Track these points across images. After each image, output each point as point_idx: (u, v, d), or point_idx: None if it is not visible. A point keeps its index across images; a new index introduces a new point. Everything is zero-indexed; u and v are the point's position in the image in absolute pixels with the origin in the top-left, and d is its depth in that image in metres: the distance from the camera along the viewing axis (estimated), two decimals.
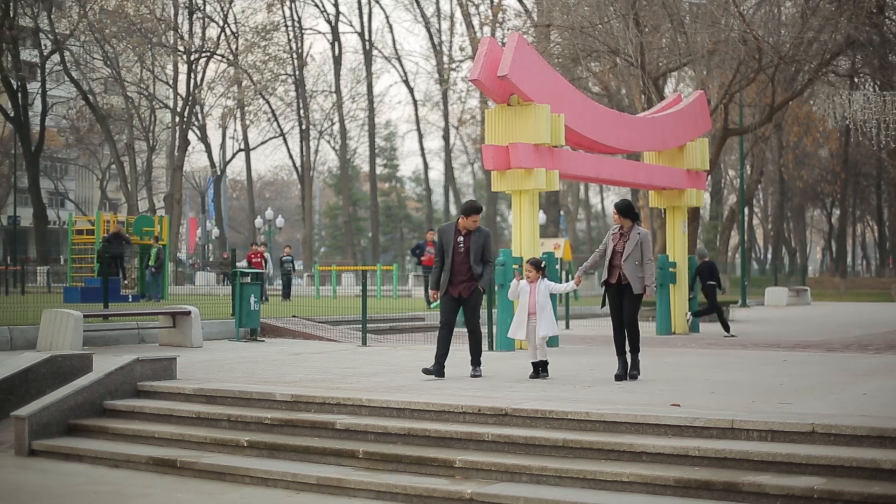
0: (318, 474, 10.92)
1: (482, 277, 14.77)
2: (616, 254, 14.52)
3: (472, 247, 14.73)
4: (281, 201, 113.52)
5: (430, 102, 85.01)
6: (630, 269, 14.34)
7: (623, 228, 14.62)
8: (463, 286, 14.75)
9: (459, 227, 14.89)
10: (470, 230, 14.80)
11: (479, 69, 19.45)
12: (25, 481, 11.68)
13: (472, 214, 14.79)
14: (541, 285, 14.72)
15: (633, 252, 14.38)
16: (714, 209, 72.32)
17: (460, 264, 14.75)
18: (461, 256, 14.75)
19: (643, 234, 14.53)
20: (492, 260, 15.05)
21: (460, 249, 14.75)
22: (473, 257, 14.69)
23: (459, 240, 14.77)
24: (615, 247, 14.55)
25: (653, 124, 24.42)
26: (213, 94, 72.78)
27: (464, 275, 14.74)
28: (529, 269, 14.89)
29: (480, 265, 14.77)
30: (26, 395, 14.62)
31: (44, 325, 19.63)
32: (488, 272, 14.93)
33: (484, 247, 14.82)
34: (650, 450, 10.22)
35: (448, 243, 14.83)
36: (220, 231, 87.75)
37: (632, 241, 14.44)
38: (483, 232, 14.93)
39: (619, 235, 14.60)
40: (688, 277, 25.54)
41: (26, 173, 70.86)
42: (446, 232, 14.98)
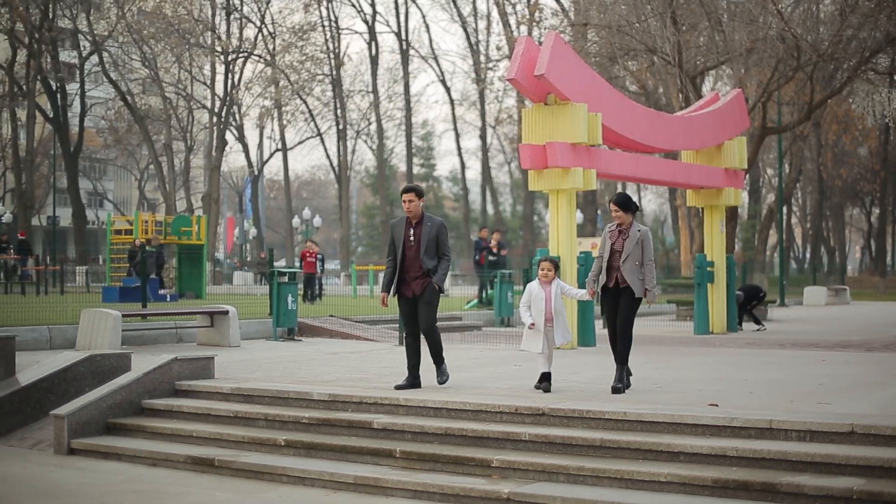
0: (356, 473, 10.93)
1: (436, 273, 13.35)
2: (615, 253, 13.14)
3: (422, 239, 13.31)
4: (318, 201, 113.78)
5: (466, 102, 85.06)
6: (629, 270, 12.98)
7: (622, 225, 13.20)
8: (416, 284, 13.36)
9: (410, 218, 13.53)
10: (420, 220, 13.43)
11: (515, 68, 19.43)
12: (65, 480, 11.74)
13: (403, 194, 13.54)
14: (555, 289, 13.04)
15: (634, 251, 13.00)
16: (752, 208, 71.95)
17: (412, 259, 13.35)
18: (412, 251, 13.37)
19: (644, 232, 13.15)
20: (448, 254, 13.55)
21: (411, 243, 13.38)
22: (424, 250, 13.27)
23: (410, 232, 13.41)
24: (613, 245, 13.17)
25: (690, 123, 24.33)
26: (250, 94, 73.10)
27: (416, 271, 13.34)
28: (549, 268, 13.05)
29: (434, 260, 13.37)
30: (65, 394, 14.70)
31: (83, 325, 19.74)
32: (443, 268, 13.44)
33: (438, 239, 13.40)
34: (688, 450, 10.18)
35: (399, 237, 13.47)
36: (258, 231, 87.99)
37: (632, 240, 13.04)
38: (435, 222, 13.52)
39: (617, 233, 13.22)
40: (725, 276, 25.40)
41: (65, 174, 71.43)
42: (397, 226, 13.62)
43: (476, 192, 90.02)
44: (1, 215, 66.18)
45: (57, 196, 78.11)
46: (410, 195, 13.43)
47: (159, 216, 43.34)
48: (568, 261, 20.06)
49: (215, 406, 13.57)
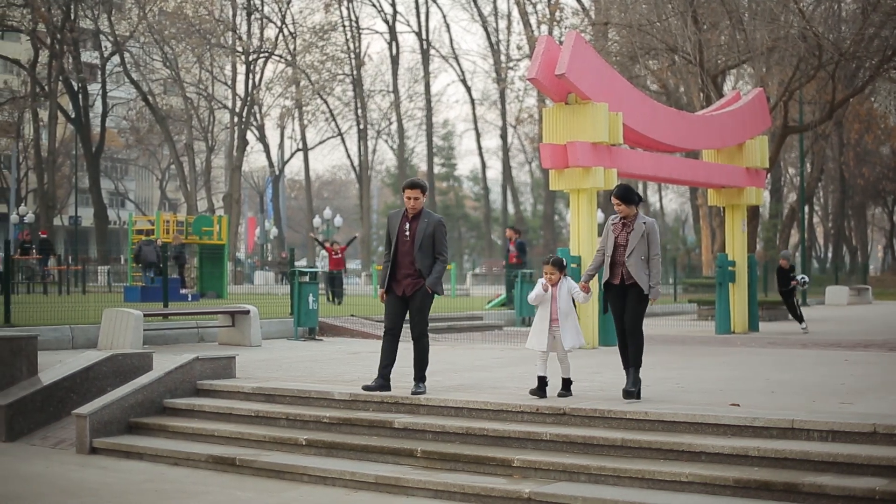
0: (377, 473, 10.94)
1: (430, 275, 12.58)
2: (619, 247, 12.19)
3: (417, 235, 12.54)
4: (339, 201, 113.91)
5: (487, 101, 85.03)
6: (636, 265, 12.06)
7: (626, 218, 12.24)
8: (407, 282, 12.63)
9: (407, 212, 12.78)
10: (417, 214, 12.70)
11: (536, 68, 19.42)
12: (87, 479, 11.78)
13: (405, 189, 12.73)
14: (563, 288, 12.33)
15: (639, 245, 12.07)
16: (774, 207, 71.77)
17: (404, 255, 12.60)
18: (406, 246, 12.61)
19: (650, 224, 12.19)
20: (444, 255, 12.73)
21: (405, 238, 12.62)
22: (418, 247, 12.50)
23: (406, 226, 12.64)
24: (617, 239, 12.22)
25: (711, 122, 24.28)
26: (271, 94, 73.24)
27: (407, 268, 12.60)
28: (551, 270, 12.31)
29: (429, 259, 12.60)
30: (87, 393, 14.76)
31: (104, 324, 19.80)
32: (438, 269, 12.62)
33: (434, 237, 12.60)
34: (709, 450, 10.16)
35: (393, 231, 12.75)
36: (279, 231, 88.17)
37: (636, 233, 12.08)
38: (433, 218, 12.75)
39: (620, 226, 12.27)
40: (747, 276, 25.35)
41: (87, 174, 71.69)
42: (393, 218, 12.89)
43: (497, 192, 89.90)
44: (23, 215, 66.46)
45: (79, 196, 78.37)
46: (416, 192, 12.67)
47: (181, 216, 43.45)
48: (588, 260, 20.00)
49: (236, 405, 13.59)
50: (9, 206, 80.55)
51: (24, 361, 15.22)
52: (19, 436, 14.33)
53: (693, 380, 14.41)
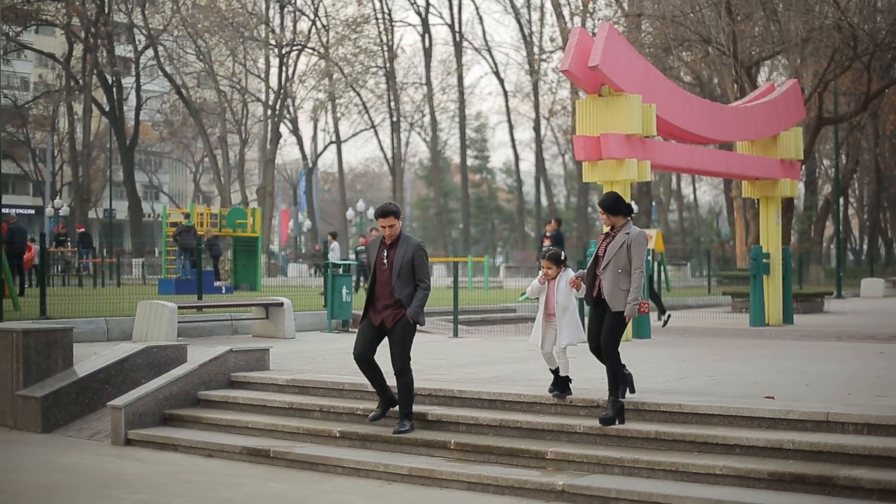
0: (410, 465, 10.96)
1: (412, 304, 11.75)
2: (598, 259, 11.47)
3: (395, 262, 11.76)
4: (372, 193, 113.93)
5: (520, 93, 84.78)
6: (609, 279, 11.23)
7: (613, 229, 11.52)
8: (387, 313, 11.81)
9: (385, 239, 11.99)
10: (395, 240, 11.89)
11: (569, 60, 19.36)
12: (122, 470, 11.84)
13: (378, 219, 11.84)
14: (561, 282, 11.70)
15: (616, 257, 11.22)
16: (808, 199, 71.36)
17: (383, 285, 11.82)
18: (384, 275, 11.83)
19: (633, 235, 11.26)
20: (426, 282, 11.88)
21: (384, 266, 11.85)
22: (397, 275, 11.71)
23: (384, 254, 11.88)
24: (597, 250, 11.57)
25: (746, 114, 24.17)
26: (304, 86, 73.31)
27: (387, 298, 11.79)
28: (548, 265, 11.75)
29: (409, 287, 11.78)
30: (122, 385, 14.84)
31: (139, 317, 19.88)
32: (420, 298, 11.79)
33: (414, 264, 11.79)
34: (744, 442, 10.13)
35: (372, 259, 12.03)
36: (312, 223, 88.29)
37: (616, 243, 11.28)
38: (412, 243, 11.91)
39: (603, 237, 11.66)
40: (781, 268, 25.23)
41: (121, 167, 72.10)
42: (372, 246, 12.13)
43: (530, 184, 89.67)
44: (59, 208, 66.84)
45: (113, 189, 78.78)
46: (389, 219, 11.80)
47: (214, 209, 43.58)
48: None
49: (270, 397, 13.64)
50: (44, 199, 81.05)
51: (60, 353, 15.31)
52: (55, 427, 14.43)
53: (727, 372, 14.35)
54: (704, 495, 9.41)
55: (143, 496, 10.53)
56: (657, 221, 74.10)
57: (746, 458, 10.00)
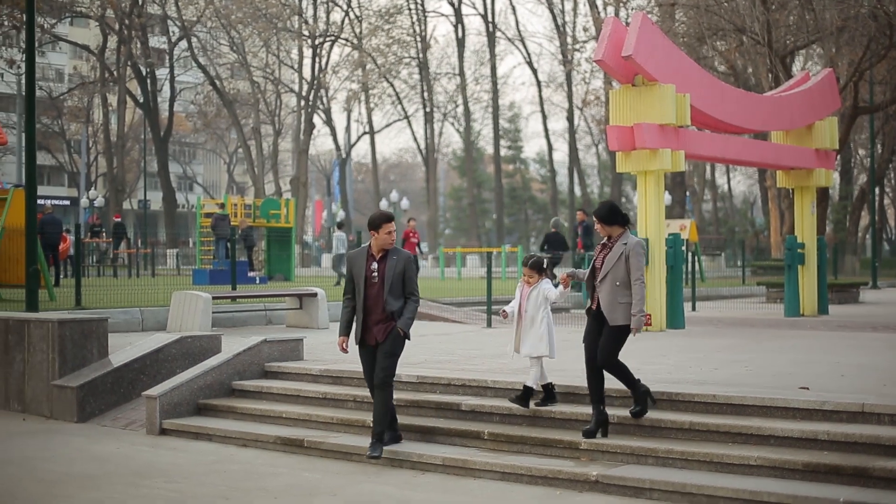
0: (444, 455, 10.97)
1: (402, 317, 11.27)
2: (595, 271, 11.05)
3: (387, 275, 11.22)
4: (406, 183, 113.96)
5: (553, 83, 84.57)
6: (607, 292, 10.86)
7: (610, 239, 11.12)
8: (378, 329, 11.26)
9: (372, 250, 11.38)
10: (385, 251, 11.36)
11: (603, 50, 19.32)
12: (157, 460, 11.91)
13: (383, 225, 11.31)
14: (534, 291, 11.57)
15: (614, 269, 10.85)
16: (843, 189, 70.90)
17: (374, 300, 11.24)
18: (375, 289, 11.25)
19: (631, 245, 10.89)
20: (416, 294, 11.46)
21: (373, 280, 11.26)
22: (389, 289, 11.19)
23: (373, 266, 11.29)
24: (595, 261, 11.13)
25: (780, 103, 24.05)
26: (337, 77, 73.37)
27: (379, 313, 11.24)
28: (529, 273, 11.63)
29: (400, 300, 11.30)
30: (157, 375, 14.93)
31: (174, 307, 19.96)
32: (411, 310, 11.36)
33: (405, 276, 11.33)
34: (778, 433, 10.10)
35: (359, 273, 11.33)
36: (346, 213, 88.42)
37: (613, 254, 10.91)
38: (402, 255, 11.42)
39: (600, 247, 11.18)
40: (816, 258, 25.10)
41: (156, 158, 72.35)
42: (356, 259, 11.46)
43: (563, 175, 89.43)
44: (93, 199, 67.18)
45: (148, 180, 79.15)
46: (392, 225, 11.42)
47: (248, 199, 43.69)
48: (656, 243, 19.95)
49: (304, 387, 13.68)
50: (79, 190, 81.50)
51: (95, 343, 15.42)
52: (90, 417, 14.53)
53: (762, 363, 14.30)
54: (739, 486, 9.39)
55: (178, 485, 10.58)
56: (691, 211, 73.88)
57: (781, 448, 9.97)
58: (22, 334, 15.59)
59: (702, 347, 16.72)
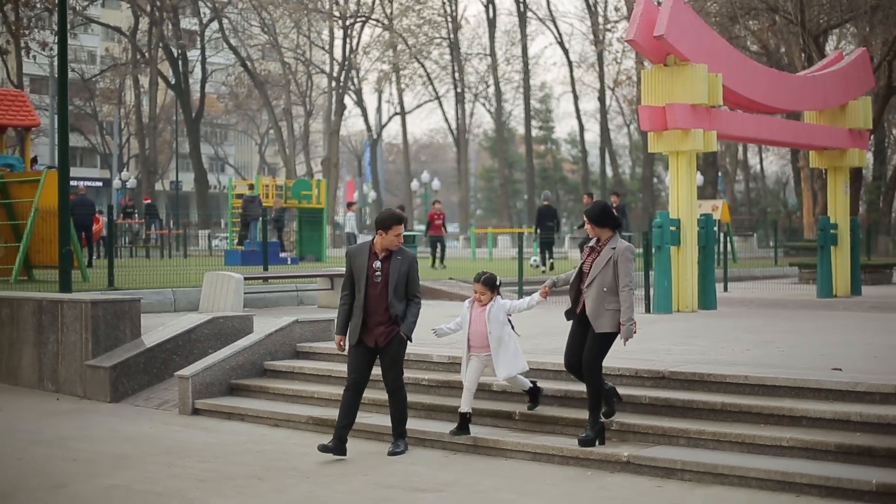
0: (475, 435, 10.98)
1: (405, 320, 10.96)
2: (582, 275, 10.79)
3: (391, 276, 10.86)
4: (437, 164, 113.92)
5: (585, 64, 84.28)
6: (594, 298, 10.55)
7: (599, 241, 10.80)
8: (380, 331, 10.87)
9: (376, 248, 10.99)
10: (390, 251, 10.96)
11: (634, 29, 19.25)
12: (190, 439, 11.97)
13: (393, 226, 10.90)
14: (493, 310, 11.15)
15: (602, 274, 10.55)
16: (877, 169, 70.44)
17: (376, 301, 10.86)
18: (377, 290, 10.86)
19: (620, 250, 10.55)
20: (419, 295, 11.16)
21: (376, 280, 10.87)
22: (393, 290, 10.85)
23: (376, 265, 10.89)
24: (583, 265, 10.85)
25: (813, 83, 23.91)
26: (368, 58, 73.39)
27: (381, 315, 10.86)
28: (481, 291, 11.24)
29: (403, 302, 10.98)
30: (190, 355, 15.00)
31: (206, 288, 20.04)
32: (415, 312, 11.05)
33: (409, 277, 10.99)
34: (810, 414, 10.07)
35: (360, 272, 10.91)
36: (377, 194, 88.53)
37: (602, 259, 10.59)
38: (407, 255, 11.05)
39: (590, 250, 10.87)
40: (850, 239, 24.96)
41: (187, 139, 72.53)
42: (357, 256, 11.03)
43: (595, 155, 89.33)
44: (126, 180, 67.47)
45: (179, 161, 79.39)
46: (402, 227, 11.06)
47: (280, 180, 43.78)
48: (688, 224, 19.88)
49: (336, 368, 13.70)
50: (111, 172, 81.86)
51: (128, 324, 15.50)
52: (123, 397, 14.61)
53: (794, 344, 14.25)
54: (770, 467, 9.37)
55: (211, 465, 10.64)
56: (723, 192, 73.58)
57: (813, 430, 9.94)
58: (55, 315, 15.69)
59: (734, 328, 16.67)
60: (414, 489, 9.67)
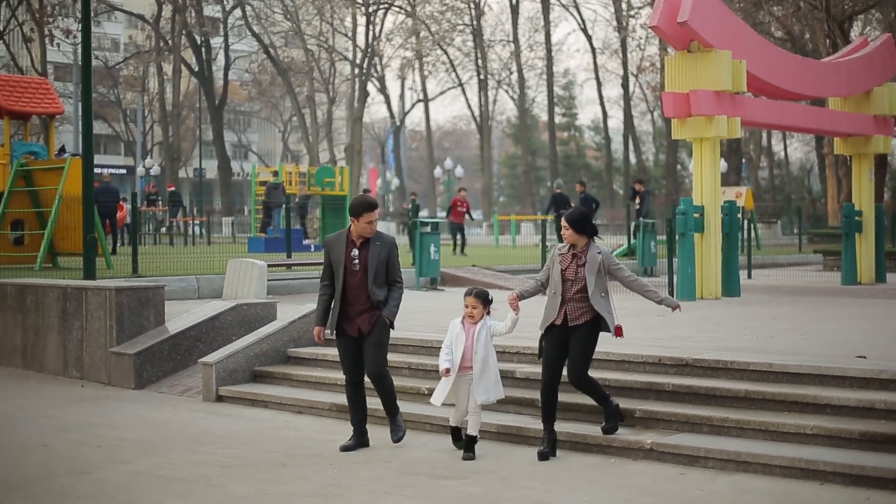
0: (498, 423, 10.99)
1: (388, 304, 10.76)
2: (567, 283, 10.34)
3: (370, 263, 10.63)
4: (460, 151, 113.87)
5: (608, 50, 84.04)
6: (600, 303, 10.29)
7: (577, 247, 10.42)
8: (362, 318, 10.66)
9: (352, 235, 10.74)
10: (367, 238, 10.71)
11: (658, 15, 19.20)
12: (214, 426, 12.01)
13: (364, 213, 10.62)
14: (482, 329, 10.62)
15: (597, 280, 10.28)
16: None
17: (356, 289, 10.62)
18: (357, 277, 10.62)
19: (605, 254, 10.41)
20: (400, 280, 10.92)
21: (354, 268, 10.62)
22: (373, 278, 10.61)
23: (354, 253, 10.64)
24: (565, 272, 10.37)
25: (838, 69, 23.81)
26: (391, 45, 73.42)
27: (362, 303, 10.65)
28: (474, 304, 10.66)
29: (384, 289, 10.76)
30: (213, 342, 15.03)
31: (229, 275, 20.08)
32: (397, 297, 10.85)
33: (388, 263, 10.76)
34: (835, 402, 10.04)
35: (338, 260, 10.68)
36: (400, 181, 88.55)
37: (592, 265, 10.27)
38: (385, 241, 10.83)
39: (570, 257, 10.41)
40: (874, 226, 24.85)
41: (211, 126, 72.59)
42: (335, 245, 10.78)
43: (618, 142, 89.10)
44: (149, 168, 67.64)
45: (203, 148, 79.54)
46: (374, 216, 10.74)
47: (303, 167, 43.82)
48: (711, 210, 19.83)
49: None
50: (135, 159, 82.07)
51: (152, 311, 15.55)
52: (147, 383, 14.66)
53: (818, 331, 14.22)
54: (794, 454, 9.35)
55: (235, 451, 10.67)
56: (747, 179, 73.38)
57: (837, 417, 9.91)
58: (80, 302, 15.74)
59: (757, 315, 16.63)
60: (437, 476, 9.68)
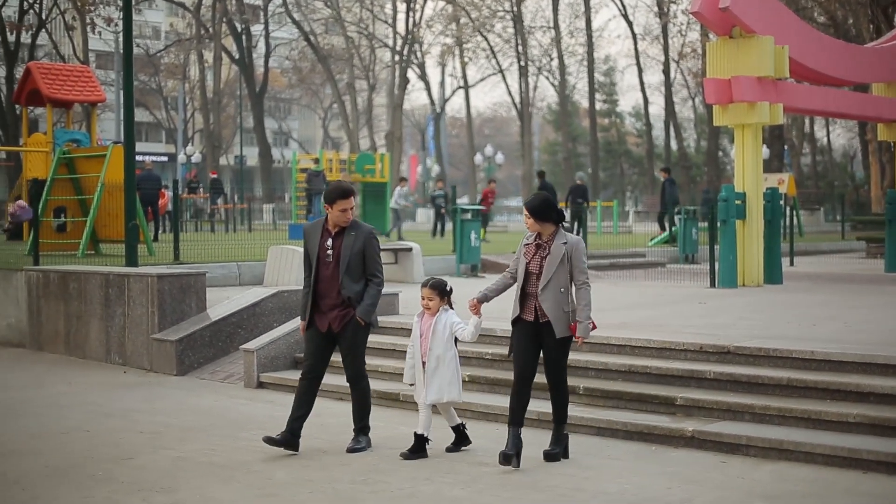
0: (539, 409, 10.96)
1: (362, 303, 10.06)
2: (530, 276, 9.56)
3: (343, 254, 9.96)
4: (500, 138, 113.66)
5: (649, 36, 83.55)
6: (553, 300, 9.42)
7: (542, 237, 9.60)
8: (333, 315, 10.05)
9: (328, 224, 10.14)
10: (342, 227, 10.08)
11: (699, 1, 19.13)
12: (255, 413, 12.06)
13: (337, 200, 9.97)
14: (440, 322, 9.97)
15: (558, 274, 9.41)
16: None
17: (328, 281, 10.00)
18: (329, 269, 9.99)
19: (572, 244, 9.52)
20: (379, 276, 10.20)
21: (328, 258, 10.01)
22: (346, 269, 9.95)
23: (328, 243, 10.03)
24: (529, 265, 9.59)
25: (881, 54, 23.64)
26: (431, 32, 73.24)
27: (333, 298, 10.02)
28: (429, 296, 10.04)
29: (360, 284, 10.07)
30: (255, 328, 15.09)
31: (270, 261, 20.15)
32: (372, 294, 10.12)
33: (365, 254, 10.06)
34: (878, 390, 9.98)
35: (312, 250, 10.11)
36: (441, 168, 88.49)
37: (554, 257, 9.44)
38: (362, 231, 10.13)
39: (534, 248, 9.61)
40: None
41: (251, 114, 72.85)
42: (311, 233, 10.20)
43: (659, 128, 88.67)
44: (190, 155, 67.93)
45: (243, 136, 79.76)
46: (351, 201, 10.09)
47: (343, 154, 43.91)
48: (754, 197, 19.74)
49: (400, 342, 13.71)
50: (176, 147, 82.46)
51: (194, 298, 15.63)
52: (189, 370, 14.74)
53: (861, 319, 14.13)
54: (837, 443, 9.30)
55: None
56: (790, 165, 72.94)
57: (881, 406, 9.85)
58: (122, 289, 15.84)
59: (800, 303, 16.55)
60: (478, 463, 9.70)
